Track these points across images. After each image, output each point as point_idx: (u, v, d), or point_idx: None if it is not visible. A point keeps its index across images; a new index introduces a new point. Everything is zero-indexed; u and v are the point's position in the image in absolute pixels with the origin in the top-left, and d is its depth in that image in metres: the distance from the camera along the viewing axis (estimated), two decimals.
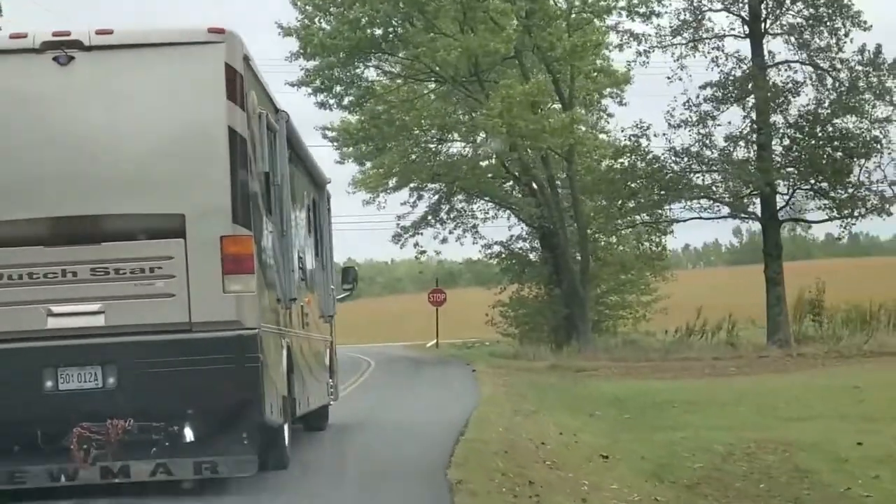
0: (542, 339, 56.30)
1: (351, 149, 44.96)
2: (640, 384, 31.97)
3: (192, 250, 12.42)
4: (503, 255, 55.32)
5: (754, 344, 45.33)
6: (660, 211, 42.50)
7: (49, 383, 12.36)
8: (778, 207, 45.80)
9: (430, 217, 50.20)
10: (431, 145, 49.27)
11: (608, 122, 54.44)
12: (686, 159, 41.30)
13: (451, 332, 57.84)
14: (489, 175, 49.60)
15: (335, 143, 47.88)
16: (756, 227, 45.77)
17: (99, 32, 12.61)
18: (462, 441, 15.73)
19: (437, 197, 52.00)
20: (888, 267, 52.47)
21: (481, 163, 48.57)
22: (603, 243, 49.88)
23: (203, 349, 12.47)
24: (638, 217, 44.03)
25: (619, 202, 42.11)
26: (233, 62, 12.68)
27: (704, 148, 41.33)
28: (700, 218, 44.06)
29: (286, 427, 13.59)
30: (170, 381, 12.34)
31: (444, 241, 56.64)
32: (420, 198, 49.91)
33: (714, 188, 42.40)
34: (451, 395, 26.72)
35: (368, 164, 48.16)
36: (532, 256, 54.04)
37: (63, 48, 12.71)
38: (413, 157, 46.26)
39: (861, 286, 49.48)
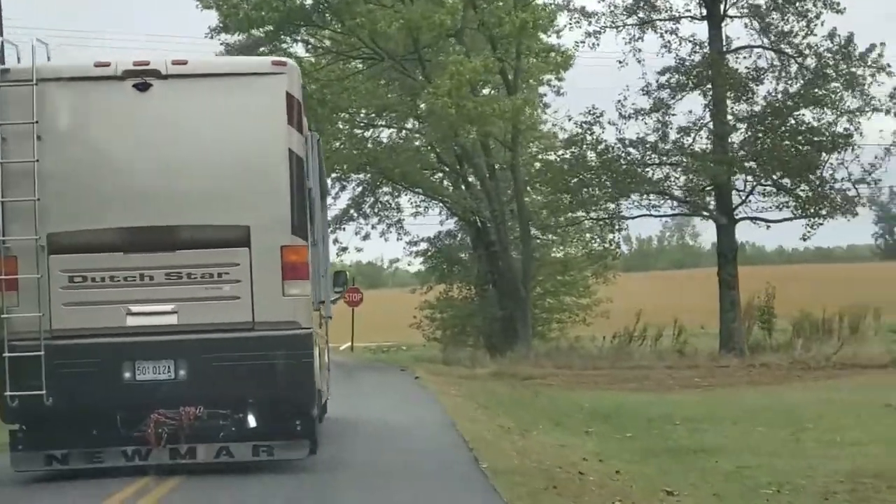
0: (471, 343, 55.24)
1: None
2: (609, 396, 30.75)
3: (255, 258, 14.59)
4: (430, 253, 50.20)
5: (703, 352, 44.59)
6: (612, 205, 37.85)
7: (127, 374, 14.46)
8: (734, 206, 44.74)
9: (352, 211, 45.36)
10: (358, 130, 43.63)
11: (546, 113, 54.57)
12: (641, 149, 36.95)
13: (361, 335, 59.61)
14: (418, 165, 44.24)
15: None
16: (645, 233, 42.37)
17: (175, 63, 14.90)
18: (491, 473, 14.88)
19: (360, 189, 46.77)
20: (776, 276, 50.86)
21: (413, 151, 43.21)
22: (540, 241, 45.29)
23: (264, 346, 14.57)
24: (583, 213, 39.03)
25: (568, 195, 37.55)
26: (292, 91, 14.94)
27: (660, 139, 36.85)
28: (650, 215, 40.09)
29: (316, 416, 15.08)
30: (234, 374, 14.40)
31: (367, 237, 54.70)
32: (343, 189, 45.32)
33: (668, 183, 38.00)
34: (413, 407, 25.64)
35: None
36: (462, 254, 48.90)
37: (142, 76, 14.80)
38: (338, 143, 41.45)
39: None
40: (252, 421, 14.65)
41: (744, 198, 42.55)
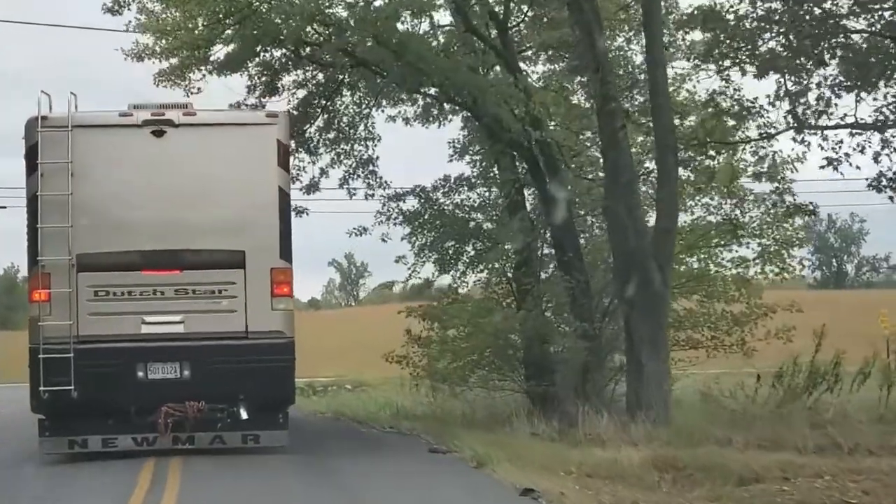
0: (503, 377, 35.38)
1: None
2: None
3: (249, 278, 25.09)
4: (423, 217, 37.13)
5: None
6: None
7: (141, 374, 24.82)
8: None
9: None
10: None
11: None
12: None
13: None
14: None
15: None
16: None
17: (185, 114, 26.43)
18: None
19: (304, 92, 28.31)
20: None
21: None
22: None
23: (256, 351, 24.72)
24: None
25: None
26: (282, 138, 25.76)
27: None
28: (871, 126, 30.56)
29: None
30: (231, 374, 25.04)
31: (314, 188, 36.86)
32: (272, 92, 19.04)
33: None
34: None
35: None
36: (486, 219, 28.57)
37: (158, 125, 25.04)
38: None
39: None
40: (244, 413, 25.56)
41: None
